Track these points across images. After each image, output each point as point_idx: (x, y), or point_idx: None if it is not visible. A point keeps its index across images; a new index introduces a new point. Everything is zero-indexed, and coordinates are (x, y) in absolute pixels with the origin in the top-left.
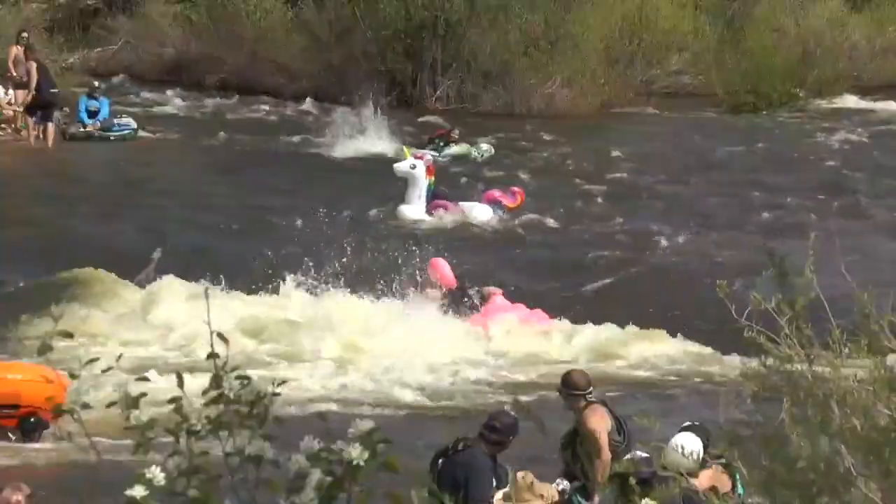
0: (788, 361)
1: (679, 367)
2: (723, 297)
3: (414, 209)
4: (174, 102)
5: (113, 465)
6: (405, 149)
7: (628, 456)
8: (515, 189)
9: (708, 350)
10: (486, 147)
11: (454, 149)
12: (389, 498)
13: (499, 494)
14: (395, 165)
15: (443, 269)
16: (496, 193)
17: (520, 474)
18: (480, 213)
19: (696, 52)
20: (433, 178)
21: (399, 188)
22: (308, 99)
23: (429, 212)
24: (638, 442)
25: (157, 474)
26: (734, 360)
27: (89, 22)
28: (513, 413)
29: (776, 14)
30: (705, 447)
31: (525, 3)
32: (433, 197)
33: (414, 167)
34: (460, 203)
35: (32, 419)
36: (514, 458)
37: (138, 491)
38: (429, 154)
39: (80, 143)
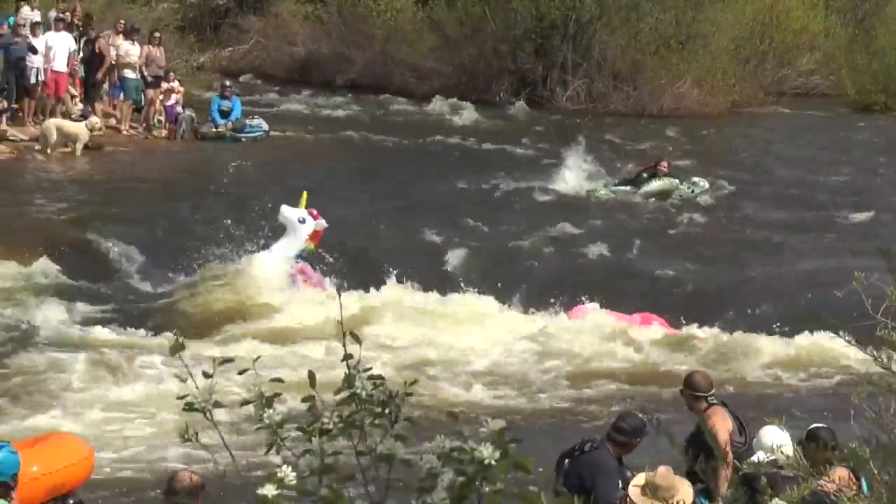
0: None
1: (807, 368)
2: (859, 291)
3: (273, 259)
4: (304, 102)
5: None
6: (304, 195)
7: (753, 458)
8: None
9: (837, 349)
10: (698, 181)
11: (655, 184)
12: (521, 498)
13: (640, 478)
14: (283, 207)
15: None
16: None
17: (662, 468)
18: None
19: (827, 52)
20: (313, 245)
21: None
22: (438, 98)
23: (290, 276)
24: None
25: (288, 473)
26: (866, 360)
27: (220, 21)
28: (640, 415)
29: None
30: (833, 448)
31: (656, 3)
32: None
33: (303, 221)
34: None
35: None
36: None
37: (269, 490)
38: (323, 221)
39: (212, 143)
